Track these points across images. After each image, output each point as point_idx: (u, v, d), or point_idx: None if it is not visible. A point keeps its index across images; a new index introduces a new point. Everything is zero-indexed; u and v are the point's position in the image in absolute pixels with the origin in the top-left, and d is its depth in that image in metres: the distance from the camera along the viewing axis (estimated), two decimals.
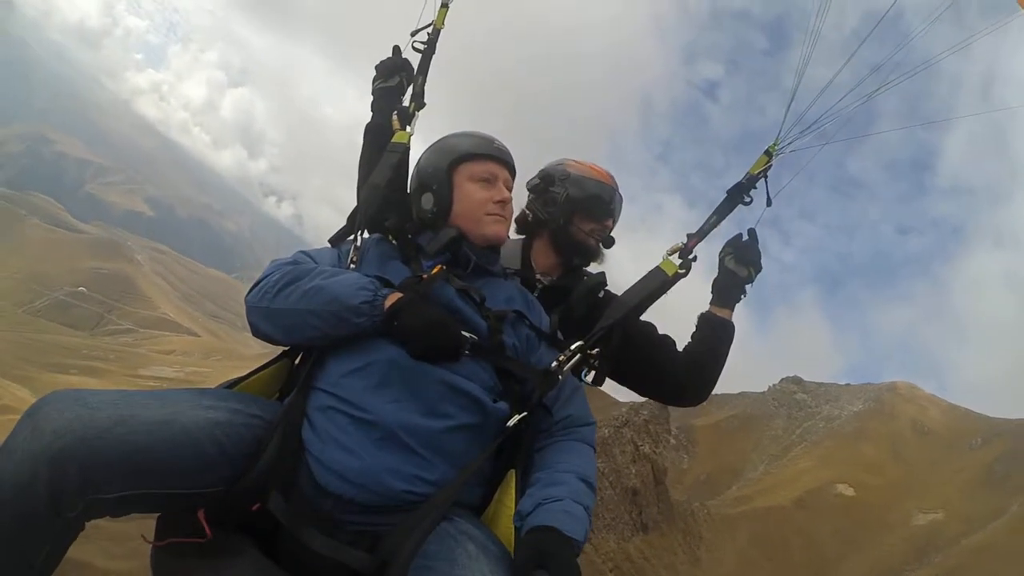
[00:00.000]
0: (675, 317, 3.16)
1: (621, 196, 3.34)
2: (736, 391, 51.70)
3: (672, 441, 41.38)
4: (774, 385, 52.09)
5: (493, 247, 2.67)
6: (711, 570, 29.24)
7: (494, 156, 2.66)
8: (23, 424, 1.80)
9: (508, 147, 2.77)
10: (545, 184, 3.28)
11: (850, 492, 35.88)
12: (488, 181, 2.63)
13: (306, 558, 1.97)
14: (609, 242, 3.31)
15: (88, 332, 75.57)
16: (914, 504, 34.31)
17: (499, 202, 2.61)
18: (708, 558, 29.82)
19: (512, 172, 2.73)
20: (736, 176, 3.01)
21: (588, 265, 3.34)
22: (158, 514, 2.06)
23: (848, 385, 52.53)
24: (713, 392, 3.12)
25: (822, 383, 52.29)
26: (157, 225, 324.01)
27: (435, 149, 2.73)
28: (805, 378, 52.44)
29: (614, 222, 3.32)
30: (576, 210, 3.21)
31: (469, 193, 2.61)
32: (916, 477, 37.28)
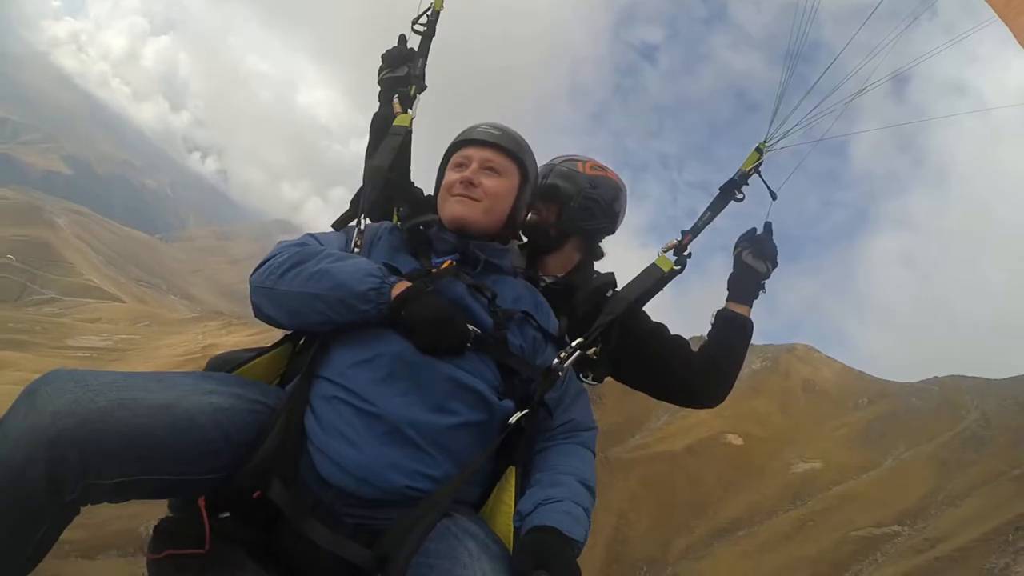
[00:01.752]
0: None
1: (568, 169, 3.28)
2: None
3: None
4: None
5: (463, 228, 2.59)
6: (602, 508, 30.65)
7: (472, 140, 2.66)
8: (21, 403, 1.76)
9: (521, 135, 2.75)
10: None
11: (738, 441, 37.90)
12: (462, 165, 2.63)
13: (304, 550, 1.94)
14: (592, 212, 3.23)
15: (11, 304, 74.05)
16: (795, 454, 36.38)
17: (462, 182, 2.58)
18: (600, 497, 31.67)
19: (503, 152, 2.67)
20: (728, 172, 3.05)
21: (538, 241, 3.29)
22: (155, 500, 1.99)
23: (752, 345, 54.52)
24: None
25: None
26: (75, 185, 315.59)
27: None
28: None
29: (549, 185, 3.22)
30: (598, 214, 3.25)
31: (445, 179, 2.65)
32: (801, 430, 39.37)
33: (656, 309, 3.02)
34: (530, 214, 3.11)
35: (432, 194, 2.74)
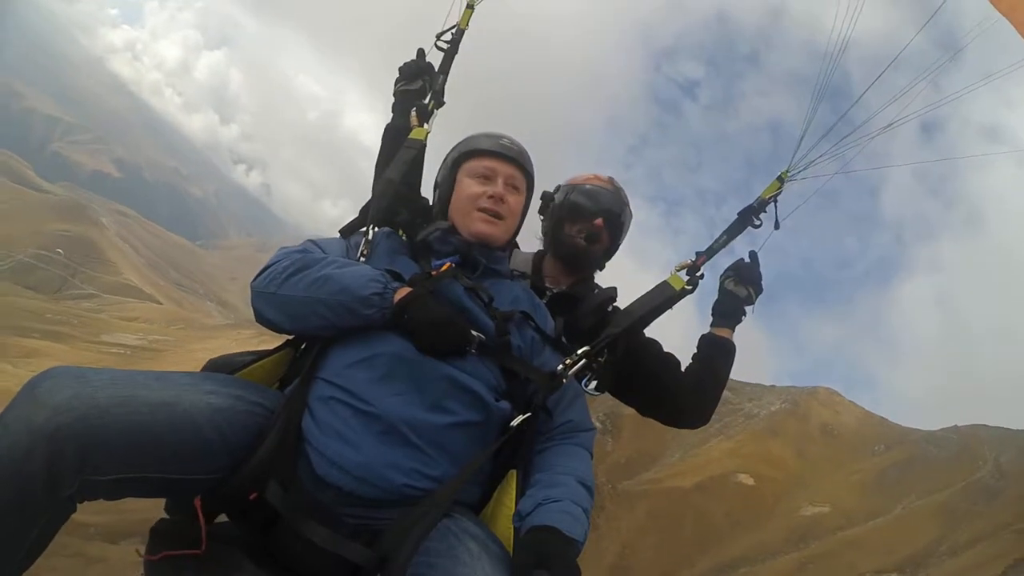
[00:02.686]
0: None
1: (619, 197, 3.35)
2: None
3: (599, 426, 43.84)
4: None
5: (486, 245, 2.64)
6: (607, 535, 31.94)
7: (496, 152, 2.67)
8: (21, 398, 1.76)
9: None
10: (545, 201, 3.37)
11: (750, 482, 37.72)
12: (486, 177, 2.64)
13: (303, 551, 1.94)
14: (593, 238, 3.26)
15: (50, 296, 74.90)
16: (805, 498, 36.26)
17: (491, 197, 2.60)
18: (606, 526, 32.40)
19: (522, 170, 2.73)
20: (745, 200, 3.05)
21: (586, 266, 3.35)
22: (151, 498, 1.98)
23: (773, 387, 53.66)
24: None
25: (748, 383, 53.24)
26: (123, 187, 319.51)
27: (451, 150, 2.81)
28: (733, 377, 53.86)
29: (608, 220, 3.27)
30: (564, 215, 3.26)
31: (465, 188, 2.65)
32: (814, 474, 39.19)
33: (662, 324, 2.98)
34: (588, 240, 3.24)
35: (438, 200, 2.75)
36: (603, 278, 3.48)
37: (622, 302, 3.10)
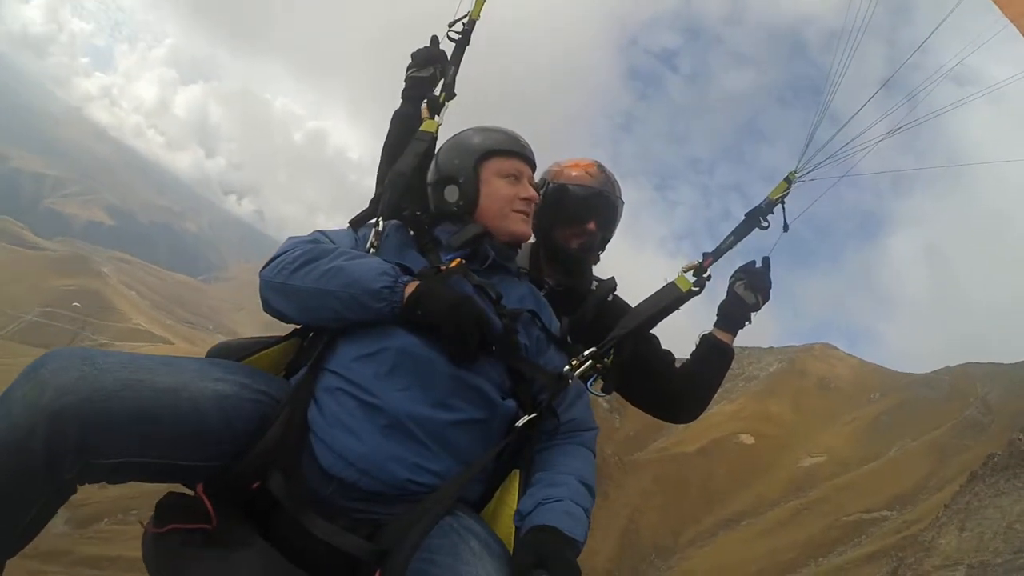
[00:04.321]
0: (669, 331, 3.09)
1: (611, 192, 3.24)
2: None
3: (605, 405, 45.01)
4: None
5: (515, 244, 2.64)
6: (616, 500, 33.57)
7: (520, 153, 2.65)
8: (24, 378, 1.73)
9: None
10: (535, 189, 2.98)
11: (750, 441, 39.16)
12: (515, 178, 2.61)
13: (303, 542, 1.90)
14: (588, 247, 3.18)
15: None
16: (804, 450, 37.53)
17: (525, 199, 2.59)
18: (615, 492, 34.08)
19: (534, 169, 2.72)
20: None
21: (581, 269, 3.25)
22: (153, 483, 1.94)
23: (771, 348, 55.02)
24: None
25: (747, 347, 54.08)
26: (119, 234, 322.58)
27: (458, 142, 2.71)
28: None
29: (602, 224, 3.21)
30: (555, 220, 3.14)
31: (496, 189, 2.58)
32: (811, 427, 40.36)
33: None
34: (582, 249, 3.15)
35: (462, 197, 2.60)
36: (604, 267, 3.35)
37: (621, 289, 3.16)
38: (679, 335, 3.22)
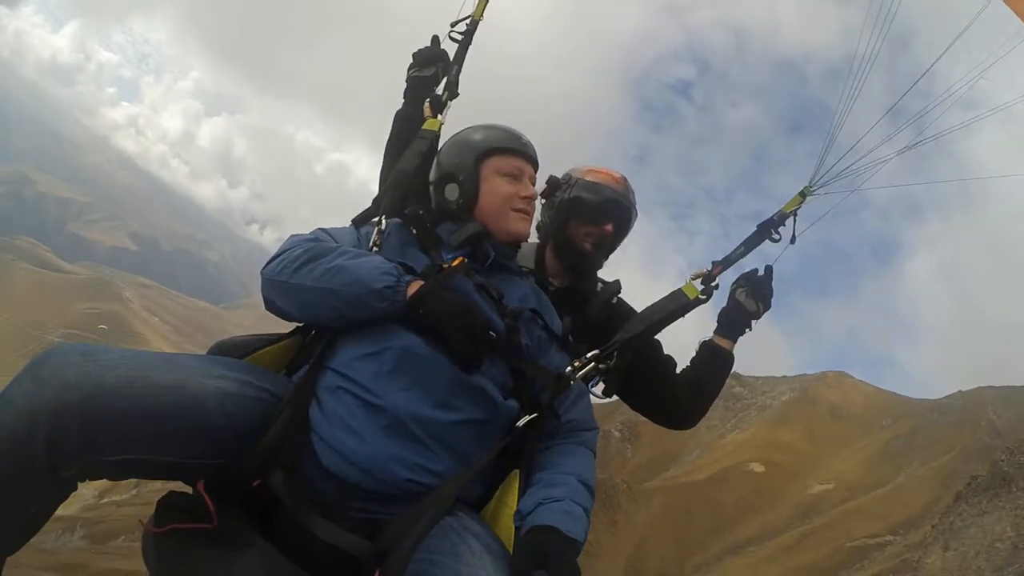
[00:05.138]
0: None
1: (630, 202, 3.24)
2: None
3: (617, 435, 45.03)
4: None
5: (514, 243, 2.63)
6: (624, 528, 33.82)
7: (521, 151, 2.62)
8: (26, 375, 1.73)
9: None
10: (550, 190, 3.18)
11: (760, 469, 39.02)
12: (515, 176, 2.59)
13: (303, 541, 1.89)
14: (602, 245, 3.17)
15: None
16: (814, 478, 37.45)
17: (525, 198, 2.58)
18: (623, 520, 34.30)
19: (536, 168, 2.69)
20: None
21: (588, 270, 3.23)
22: (153, 480, 2.02)
23: (784, 377, 54.79)
24: None
25: (760, 376, 54.61)
26: (142, 260, 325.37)
27: (459, 140, 2.69)
28: (744, 373, 54.17)
29: (617, 228, 3.19)
30: (572, 214, 3.11)
31: (496, 187, 2.57)
32: (823, 455, 40.25)
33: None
34: (596, 246, 3.14)
35: (462, 196, 2.58)
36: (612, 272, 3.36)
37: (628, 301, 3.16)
38: (685, 342, 3.20)
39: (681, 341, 3.16)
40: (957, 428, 37.46)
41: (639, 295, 3.07)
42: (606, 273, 3.31)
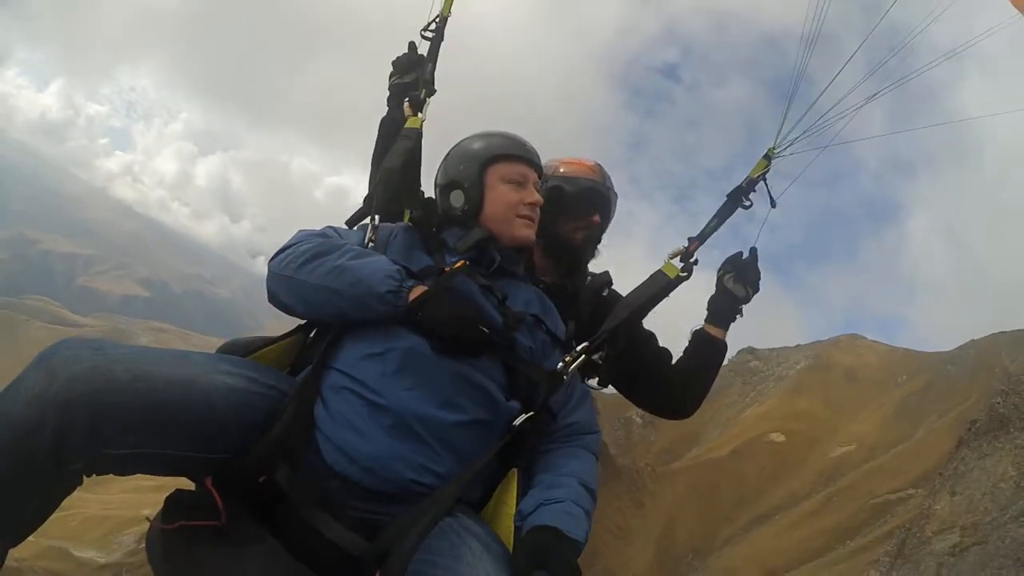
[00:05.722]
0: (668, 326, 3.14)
1: (608, 187, 3.21)
2: None
3: (639, 421, 45.40)
4: (732, 358, 51.45)
5: (519, 249, 2.63)
6: (652, 510, 34.27)
7: (525, 158, 2.62)
8: (35, 367, 1.74)
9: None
10: None
11: (780, 439, 39.16)
12: (520, 183, 2.58)
13: (305, 537, 1.91)
14: (592, 237, 3.18)
15: None
16: (835, 441, 37.65)
17: (530, 204, 2.57)
18: (650, 502, 34.72)
19: (540, 174, 2.69)
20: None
21: (582, 264, 3.21)
22: (160, 475, 1.96)
23: (798, 346, 54.57)
24: None
25: (775, 348, 54.66)
26: (154, 304, 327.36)
27: (465, 147, 2.67)
28: (759, 346, 54.84)
29: (602, 215, 3.17)
30: (560, 212, 3.06)
31: (501, 194, 2.57)
32: (841, 418, 40.36)
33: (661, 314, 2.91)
34: (587, 240, 3.14)
35: (467, 202, 2.57)
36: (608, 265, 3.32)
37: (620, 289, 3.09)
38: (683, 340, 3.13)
39: (681, 342, 3.12)
40: (971, 377, 37.48)
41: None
42: (609, 265, 3.29)
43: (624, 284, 3.03)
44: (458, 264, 2.35)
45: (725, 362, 3.21)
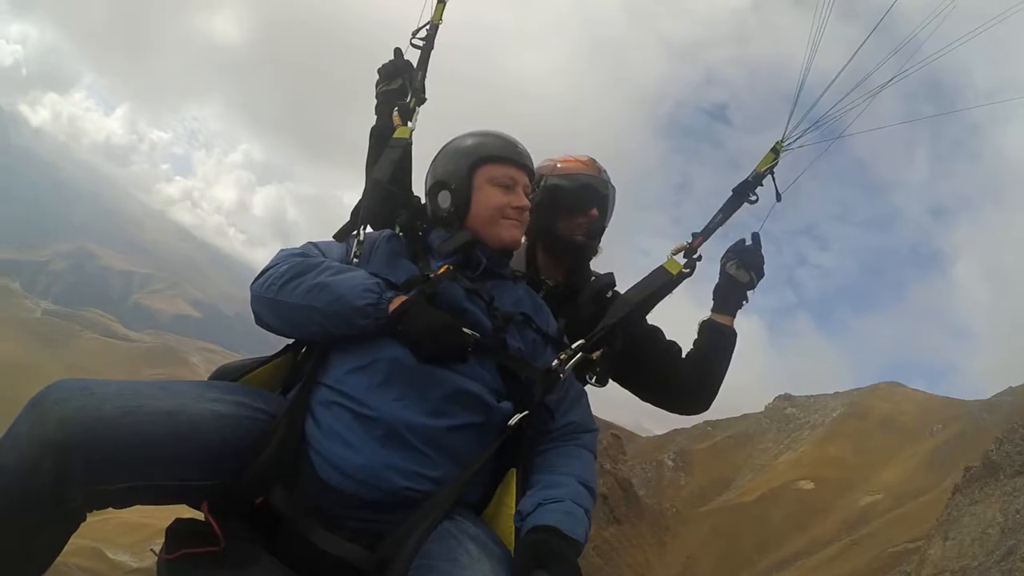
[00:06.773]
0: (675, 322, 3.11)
1: (605, 182, 3.19)
2: (739, 414, 52.11)
3: (670, 463, 44.82)
4: (768, 404, 53.49)
5: (506, 251, 2.60)
6: (673, 550, 33.93)
7: (516, 161, 2.58)
8: (27, 412, 1.76)
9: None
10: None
11: (809, 486, 38.49)
12: (508, 187, 2.55)
13: (307, 553, 1.95)
14: (594, 233, 3.15)
15: None
16: (864, 490, 36.94)
17: (517, 208, 2.54)
18: (672, 542, 34.34)
19: (532, 177, 2.65)
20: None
21: (584, 262, 3.21)
22: (158, 504, 1.99)
23: (836, 393, 53.52)
24: (717, 418, 4.92)
25: (812, 395, 53.76)
26: (205, 325, 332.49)
27: (454, 147, 2.64)
28: (796, 393, 53.76)
29: (601, 211, 3.15)
30: (557, 211, 3.08)
31: (488, 196, 2.54)
32: (872, 467, 39.63)
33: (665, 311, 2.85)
34: (588, 236, 3.13)
35: (454, 204, 2.54)
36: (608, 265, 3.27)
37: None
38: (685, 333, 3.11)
39: (683, 339, 3.11)
40: (1005, 424, 35.10)
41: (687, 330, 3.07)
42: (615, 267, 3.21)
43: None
44: (442, 269, 2.35)
45: (761, 408, 3.50)
